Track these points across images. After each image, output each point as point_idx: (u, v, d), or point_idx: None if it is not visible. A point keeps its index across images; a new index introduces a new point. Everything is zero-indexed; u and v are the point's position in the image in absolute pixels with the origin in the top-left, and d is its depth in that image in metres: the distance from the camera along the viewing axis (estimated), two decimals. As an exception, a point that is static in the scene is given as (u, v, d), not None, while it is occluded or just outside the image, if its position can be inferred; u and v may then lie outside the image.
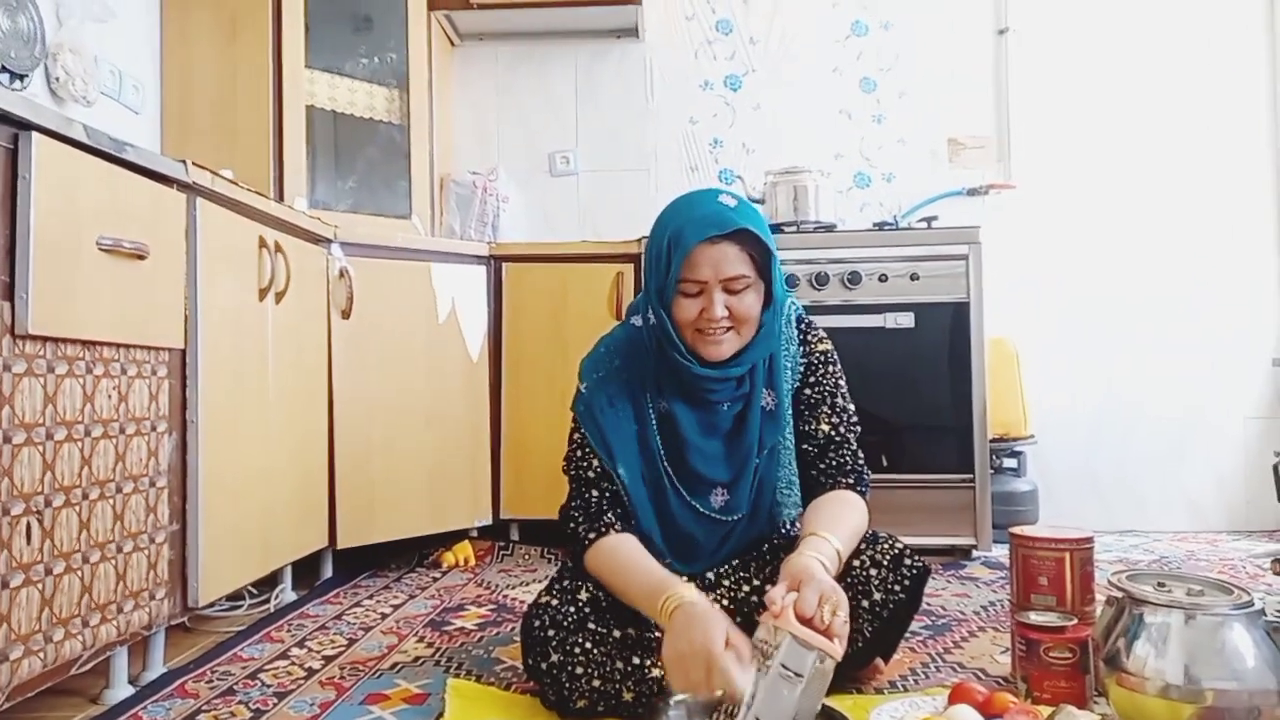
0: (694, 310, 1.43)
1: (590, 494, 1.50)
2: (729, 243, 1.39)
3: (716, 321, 1.41)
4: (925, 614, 1.98)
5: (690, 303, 1.43)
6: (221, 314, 1.80)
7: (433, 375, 2.56)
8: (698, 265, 1.40)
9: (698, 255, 1.40)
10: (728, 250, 1.40)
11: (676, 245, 1.40)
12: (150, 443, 1.59)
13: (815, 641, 1.18)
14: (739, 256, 1.40)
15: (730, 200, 1.44)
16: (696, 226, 1.40)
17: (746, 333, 1.45)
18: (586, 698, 1.36)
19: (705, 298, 1.41)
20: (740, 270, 1.41)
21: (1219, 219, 3.05)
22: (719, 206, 1.42)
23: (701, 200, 1.45)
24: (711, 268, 1.40)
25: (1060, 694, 1.39)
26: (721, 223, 1.39)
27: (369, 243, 2.43)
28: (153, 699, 1.53)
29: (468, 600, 2.18)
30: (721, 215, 1.40)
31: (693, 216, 1.41)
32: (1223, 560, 2.55)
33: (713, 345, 1.44)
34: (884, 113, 3.20)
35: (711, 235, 1.39)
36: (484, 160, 3.27)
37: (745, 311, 1.43)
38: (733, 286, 1.41)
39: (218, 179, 1.78)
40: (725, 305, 1.41)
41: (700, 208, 1.43)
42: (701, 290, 1.42)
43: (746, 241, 1.41)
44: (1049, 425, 3.02)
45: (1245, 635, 1.20)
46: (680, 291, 1.43)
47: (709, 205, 1.43)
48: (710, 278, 1.40)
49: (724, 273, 1.40)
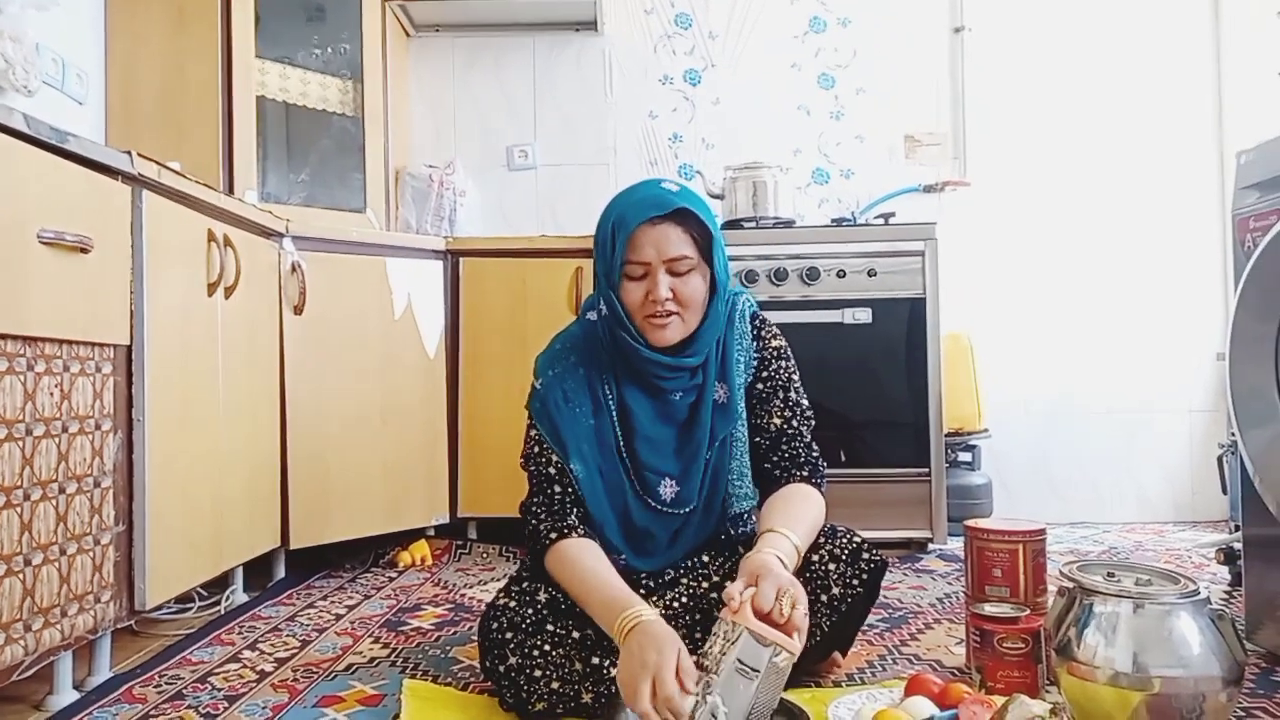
0: (640, 294, 1.44)
1: (552, 490, 1.49)
2: (670, 223, 1.42)
3: (661, 302, 1.42)
4: (882, 607, 1.99)
5: (636, 286, 1.44)
6: (169, 309, 1.76)
7: (388, 372, 2.52)
8: (640, 246, 1.43)
9: (640, 236, 1.42)
10: (669, 231, 1.42)
11: (620, 228, 1.43)
12: (95, 442, 1.54)
13: (772, 637, 1.18)
14: (681, 237, 1.43)
15: (672, 185, 1.47)
16: (638, 208, 1.43)
17: (692, 319, 1.47)
18: (545, 700, 1.35)
19: (650, 280, 1.44)
20: (682, 250, 1.43)
21: (1167, 217, 3.12)
22: (660, 190, 1.46)
23: (644, 186, 1.49)
24: (654, 248, 1.42)
25: (1014, 684, 1.41)
26: (661, 204, 1.43)
27: (322, 237, 2.39)
28: (98, 704, 1.49)
29: (424, 600, 2.16)
30: (661, 197, 1.44)
31: (634, 200, 1.45)
32: (1169, 550, 2.61)
33: (659, 330, 1.45)
34: (842, 109, 3.22)
35: (652, 216, 1.42)
36: (440, 153, 3.23)
37: (689, 295, 1.44)
38: (676, 268, 1.43)
39: (164, 171, 1.73)
40: (669, 288, 1.43)
41: (641, 191, 1.47)
42: (646, 272, 1.44)
43: (688, 222, 1.43)
44: (1003, 419, 3.07)
45: (1191, 623, 1.23)
46: (625, 275, 1.45)
47: (650, 189, 1.47)
48: (653, 258, 1.42)
49: (666, 253, 1.42)
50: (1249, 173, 1.70)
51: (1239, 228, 1.70)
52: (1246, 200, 1.69)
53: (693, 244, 1.44)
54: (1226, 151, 3.05)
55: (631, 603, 1.31)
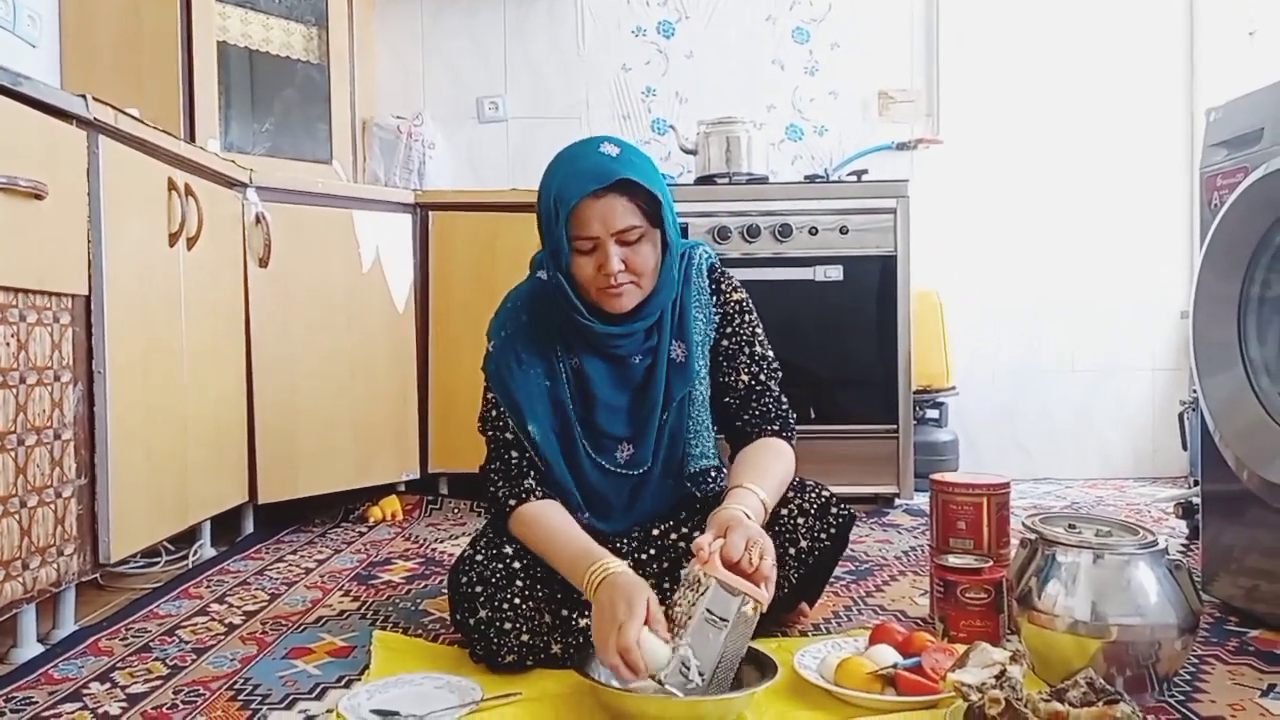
0: (591, 267, 1.40)
1: (510, 455, 1.48)
2: (614, 194, 1.36)
3: (614, 275, 1.38)
4: (849, 559, 2.02)
5: (586, 260, 1.40)
6: (129, 259, 1.72)
7: (357, 326, 2.49)
8: (586, 221, 1.37)
9: (584, 211, 1.36)
10: (614, 202, 1.36)
11: (562, 203, 1.37)
12: (54, 393, 1.51)
13: (741, 587, 1.20)
14: (627, 207, 1.37)
15: (612, 149, 1.40)
16: (578, 181, 1.36)
17: (647, 284, 1.43)
18: (515, 652, 1.36)
19: (600, 253, 1.38)
20: (630, 221, 1.37)
21: (1137, 176, 3.14)
22: (600, 158, 1.38)
23: (582, 153, 1.41)
24: (600, 222, 1.36)
25: (975, 632, 1.44)
26: (603, 174, 1.35)
27: (287, 188, 2.34)
28: (63, 657, 1.48)
29: (395, 554, 2.16)
30: (602, 167, 1.36)
31: (574, 171, 1.38)
32: (1130, 505, 2.67)
33: (614, 299, 1.41)
34: (817, 64, 3.19)
35: (595, 189, 1.35)
36: (408, 104, 3.17)
37: (642, 264, 1.40)
38: (625, 238, 1.38)
39: (121, 116, 1.68)
40: (621, 259, 1.38)
41: (581, 161, 1.39)
42: (595, 245, 1.38)
43: (633, 190, 1.37)
44: (970, 377, 3.10)
45: (1149, 573, 1.26)
46: (575, 250, 1.39)
47: (589, 158, 1.39)
48: (601, 232, 1.37)
49: (613, 226, 1.36)
50: (1218, 130, 1.70)
51: (1206, 185, 1.72)
52: (1214, 158, 1.70)
53: (639, 212, 1.38)
54: (1196, 110, 3.06)
55: (599, 555, 1.32)
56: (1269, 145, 1.54)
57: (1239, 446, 1.57)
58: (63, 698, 1.33)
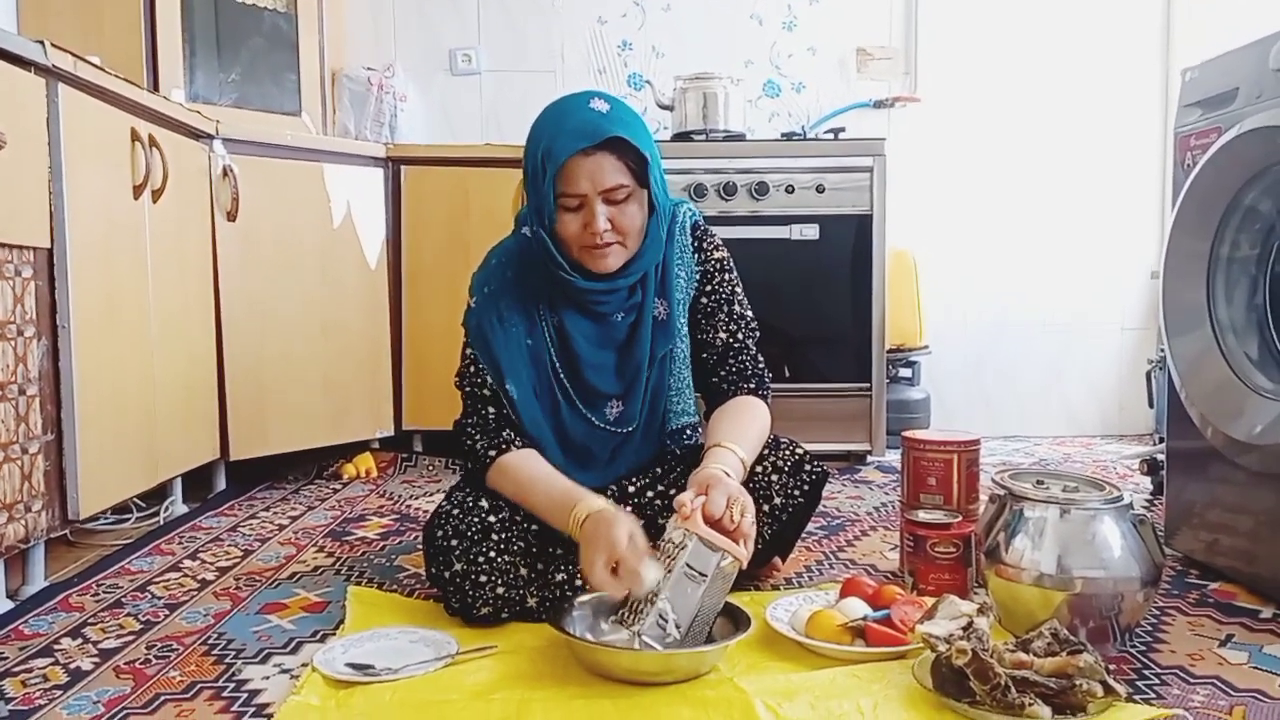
0: (577, 225, 1.38)
1: (487, 410, 1.48)
2: (604, 152, 1.34)
3: (600, 234, 1.37)
4: (821, 515, 2.05)
5: (572, 217, 1.38)
6: (92, 212, 1.68)
7: (328, 282, 2.46)
8: (574, 179, 1.35)
9: (573, 168, 1.34)
10: (603, 161, 1.34)
11: (550, 160, 1.35)
12: (17, 348, 1.48)
13: (720, 543, 1.21)
14: (615, 166, 1.35)
15: (602, 105, 1.38)
16: (568, 138, 1.34)
17: (633, 244, 1.42)
18: (490, 605, 1.36)
19: (586, 211, 1.37)
20: (618, 180, 1.36)
21: (1112, 136, 3.14)
22: (590, 114, 1.36)
23: (572, 108, 1.39)
24: (588, 180, 1.35)
25: (944, 585, 1.46)
26: (593, 132, 1.33)
27: (255, 140, 2.29)
28: (34, 613, 1.47)
29: (369, 511, 2.16)
30: (593, 124, 1.34)
31: (563, 128, 1.36)
32: (1096, 461, 2.71)
33: (600, 259, 1.40)
34: (795, 19, 3.15)
35: (584, 147, 1.33)
36: (379, 56, 3.10)
37: (628, 223, 1.38)
38: (613, 197, 1.36)
39: (81, 63, 1.63)
40: (608, 218, 1.37)
41: (571, 117, 1.37)
42: (582, 204, 1.37)
43: (622, 149, 1.35)
44: (943, 336, 3.12)
45: (1114, 528, 1.28)
46: (561, 206, 1.38)
47: (580, 114, 1.37)
48: (589, 190, 1.35)
49: (601, 184, 1.35)
50: (1192, 90, 1.71)
51: (1180, 146, 1.72)
52: (1189, 118, 1.71)
53: (628, 171, 1.36)
54: (1172, 70, 3.06)
55: (581, 497, 1.33)
56: (1243, 106, 1.55)
57: (1204, 404, 1.60)
58: (34, 653, 1.32)
